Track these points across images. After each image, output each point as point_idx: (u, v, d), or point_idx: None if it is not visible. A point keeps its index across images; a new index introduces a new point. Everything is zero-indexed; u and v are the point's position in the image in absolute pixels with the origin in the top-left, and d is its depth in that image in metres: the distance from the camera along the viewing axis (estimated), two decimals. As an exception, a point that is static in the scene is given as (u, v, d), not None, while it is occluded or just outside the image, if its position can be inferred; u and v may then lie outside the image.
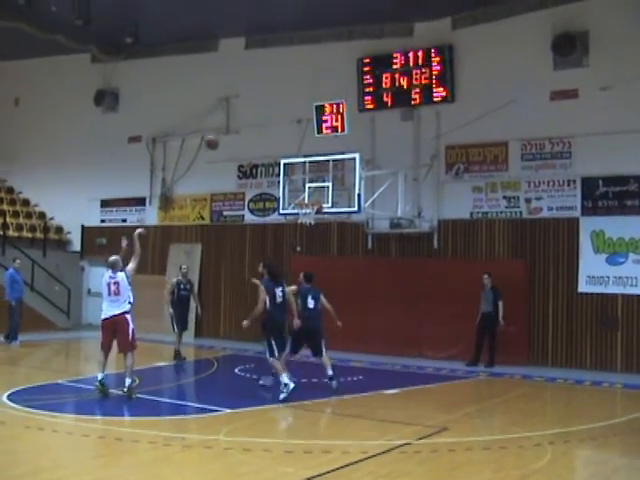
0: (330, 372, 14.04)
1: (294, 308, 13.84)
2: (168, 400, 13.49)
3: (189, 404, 13.29)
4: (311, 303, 14.18)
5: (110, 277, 12.68)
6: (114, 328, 12.55)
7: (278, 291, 13.30)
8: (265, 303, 13.07)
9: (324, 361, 14.13)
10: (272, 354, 13.13)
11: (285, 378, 12.83)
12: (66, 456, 9.06)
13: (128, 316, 12.57)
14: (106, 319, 12.60)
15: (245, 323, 13.18)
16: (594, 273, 17.96)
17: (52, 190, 27.18)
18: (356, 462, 8.87)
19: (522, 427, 11.31)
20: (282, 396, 12.65)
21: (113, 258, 12.90)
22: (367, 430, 11.18)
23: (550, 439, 10.30)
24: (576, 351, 18.10)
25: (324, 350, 14.18)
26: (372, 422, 11.84)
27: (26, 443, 9.54)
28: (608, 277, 17.82)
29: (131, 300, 12.62)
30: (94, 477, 8.20)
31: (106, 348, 12.80)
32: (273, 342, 13.09)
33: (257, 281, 13.72)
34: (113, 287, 12.59)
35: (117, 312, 12.52)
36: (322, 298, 14.39)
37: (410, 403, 13.31)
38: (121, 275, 12.64)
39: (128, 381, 12.44)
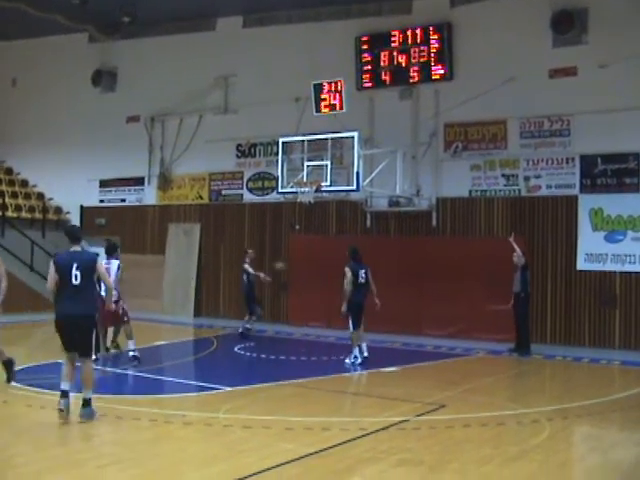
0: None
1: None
2: (168, 378, 13.59)
3: (189, 382, 13.36)
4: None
5: None
6: None
7: (361, 272, 14.77)
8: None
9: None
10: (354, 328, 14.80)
11: (357, 351, 14.71)
12: (68, 434, 9.11)
13: None
14: None
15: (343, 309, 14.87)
16: (592, 251, 17.99)
17: (51, 171, 27.14)
18: (355, 439, 8.95)
19: (520, 404, 11.40)
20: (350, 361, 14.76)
21: None
22: (366, 407, 11.28)
23: (548, 415, 10.38)
24: (575, 328, 18.17)
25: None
26: (371, 399, 11.93)
27: (28, 421, 9.60)
28: (606, 255, 17.85)
29: None
30: (95, 454, 8.27)
31: None
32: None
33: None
34: None
35: None
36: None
37: (409, 381, 13.36)
38: None
39: None
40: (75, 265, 9.55)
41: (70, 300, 9.57)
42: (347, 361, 14.72)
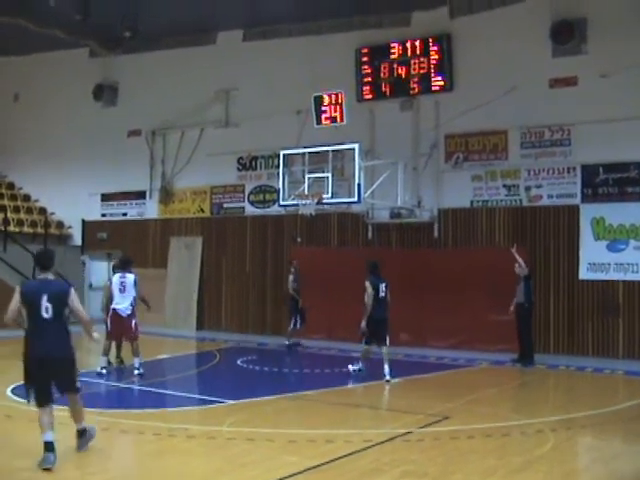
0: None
1: None
2: (172, 392, 13.57)
3: (192, 396, 13.34)
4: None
5: None
6: None
7: (382, 286, 14.45)
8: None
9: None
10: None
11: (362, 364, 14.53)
12: (71, 449, 9.08)
13: None
14: None
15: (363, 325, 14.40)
16: (595, 260, 17.97)
17: (52, 185, 27.17)
18: (359, 451, 8.94)
19: (524, 414, 11.39)
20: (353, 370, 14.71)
21: None
22: (369, 419, 11.26)
23: (552, 426, 10.36)
24: (578, 338, 18.13)
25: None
26: (374, 411, 11.92)
27: (31, 436, 9.55)
28: (609, 264, 17.83)
29: None
30: (100, 469, 8.25)
31: None
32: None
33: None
34: None
35: None
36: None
37: (412, 392, 13.35)
38: None
39: None
40: (45, 296, 8.36)
41: (42, 338, 8.38)
42: (350, 366, 14.78)
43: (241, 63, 23.17)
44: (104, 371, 14.19)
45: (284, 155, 18.54)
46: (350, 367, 14.73)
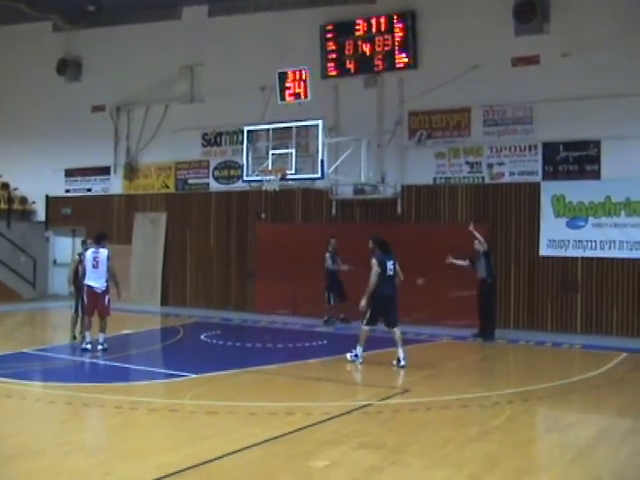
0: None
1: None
2: (134, 366, 13.65)
3: (155, 370, 13.39)
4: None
5: None
6: None
7: (389, 264, 13.44)
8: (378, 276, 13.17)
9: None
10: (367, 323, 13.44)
11: (360, 350, 13.39)
12: (34, 422, 9.15)
13: None
14: None
15: (362, 304, 13.31)
16: (555, 237, 18.25)
17: (16, 160, 26.88)
18: (319, 422, 9.09)
19: (482, 387, 11.64)
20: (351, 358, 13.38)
21: None
22: (330, 392, 11.43)
23: (509, 398, 10.59)
24: (537, 313, 18.43)
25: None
26: (335, 385, 12.08)
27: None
28: (568, 241, 18.12)
29: None
30: (62, 441, 8.31)
31: None
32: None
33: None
34: None
35: None
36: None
37: (374, 366, 13.47)
38: None
39: None
40: None
41: None
42: (348, 356, 13.56)
43: (206, 39, 23.06)
44: (89, 346, 14.21)
45: (248, 131, 18.60)
46: (347, 356, 13.57)
